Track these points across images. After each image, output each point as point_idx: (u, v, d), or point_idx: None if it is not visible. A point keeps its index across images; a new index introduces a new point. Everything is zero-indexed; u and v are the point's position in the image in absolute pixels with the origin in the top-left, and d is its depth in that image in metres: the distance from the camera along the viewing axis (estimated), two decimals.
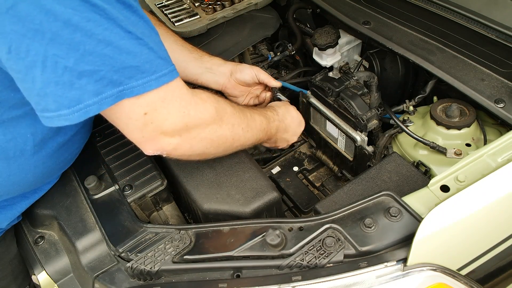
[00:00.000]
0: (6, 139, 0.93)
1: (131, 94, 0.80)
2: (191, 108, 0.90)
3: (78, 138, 1.12)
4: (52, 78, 0.73)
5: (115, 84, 0.77)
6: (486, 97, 1.05)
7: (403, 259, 0.81)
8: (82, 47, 0.72)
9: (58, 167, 1.11)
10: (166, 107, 0.86)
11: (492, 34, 1.20)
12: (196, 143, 0.95)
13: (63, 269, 1.07)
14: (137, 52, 0.78)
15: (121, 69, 0.77)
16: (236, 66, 1.35)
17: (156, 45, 0.83)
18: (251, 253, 0.89)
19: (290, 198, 1.46)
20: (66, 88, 0.74)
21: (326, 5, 1.44)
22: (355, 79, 1.29)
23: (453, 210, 0.82)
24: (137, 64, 0.79)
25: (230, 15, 1.63)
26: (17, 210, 1.09)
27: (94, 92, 0.76)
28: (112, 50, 0.75)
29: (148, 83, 0.81)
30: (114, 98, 0.78)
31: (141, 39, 0.79)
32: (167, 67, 0.84)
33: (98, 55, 0.74)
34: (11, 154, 0.95)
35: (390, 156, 1.10)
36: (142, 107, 0.83)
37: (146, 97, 0.82)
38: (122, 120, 0.85)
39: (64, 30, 0.71)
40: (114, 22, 0.75)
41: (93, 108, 0.77)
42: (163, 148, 0.91)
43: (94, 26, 0.73)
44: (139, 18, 0.80)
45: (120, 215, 1.05)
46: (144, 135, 0.88)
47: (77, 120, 0.78)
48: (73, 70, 0.73)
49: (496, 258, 0.89)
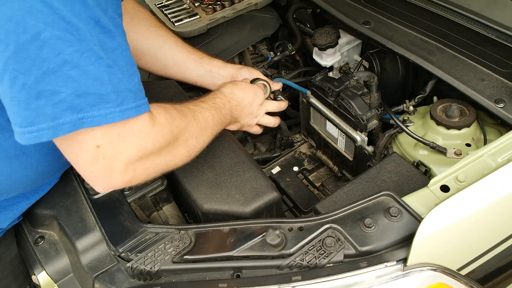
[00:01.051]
0: (6, 137, 0.92)
1: (90, 124, 0.74)
2: (149, 140, 0.85)
3: None
4: (8, 92, 0.69)
5: (75, 110, 0.72)
6: (486, 97, 1.05)
7: (403, 259, 0.81)
8: (46, 64, 0.68)
9: (60, 165, 1.11)
10: (123, 141, 0.80)
11: (492, 34, 1.20)
12: (151, 172, 0.91)
13: (63, 269, 1.07)
14: (105, 80, 0.73)
15: (84, 95, 0.72)
16: (237, 71, 1.34)
17: (128, 77, 0.78)
18: (251, 253, 0.89)
19: (290, 198, 1.46)
20: (21, 106, 0.69)
21: (326, 5, 1.44)
22: (355, 79, 1.29)
23: (453, 210, 0.82)
24: (103, 93, 0.73)
25: (230, 15, 1.63)
26: (17, 210, 1.09)
27: (51, 116, 0.71)
28: (78, 73, 0.70)
29: (111, 114, 0.75)
30: (72, 125, 0.73)
31: (112, 67, 0.74)
32: (135, 101, 0.79)
33: (61, 76, 0.69)
34: (12, 152, 0.94)
35: (390, 156, 1.10)
36: (96, 139, 0.77)
37: (104, 129, 0.76)
38: (72, 149, 0.80)
39: (31, 44, 0.66)
40: (87, 45, 0.70)
41: (47, 133, 0.72)
42: (115, 185, 0.86)
43: (64, 45, 0.68)
44: (116, 46, 0.76)
45: (120, 215, 1.05)
46: (93, 170, 0.81)
47: (28, 142, 0.72)
48: (32, 88, 0.68)
49: (496, 258, 0.89)
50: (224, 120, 1.17)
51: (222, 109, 1.15)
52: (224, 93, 1.21)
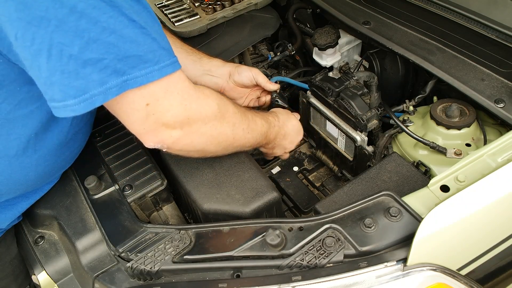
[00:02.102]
0: (10, 139, 0.93)
1: (134, 84, 0.79)
2: (193, 102, 0.90)
3: (80, 136, 1.12)
4: (58, 67, 0.73)
5: (119, 73, 0.76)
6: (486, 97, 1.05)
7: (403, 259, 0.81)
8: (87, 34, 0.72)
9: (60, 165, 1.12)
10: (168, 99, 0.85)
11: (492, 34, 1.20)
12: (196, 138, 0.95)
13: (63, 269, 1.07)
14: (140, 41, 0.78)
15: (124, 58, 0.76)
16: (235, 68, 1.34)
17: (159, 36, 0.82)
18: (251, 253, 0.89)
19: (290, 198, 1.46)
20: (72, 77, 0.74)
21: (326, 5, 1.44)
22: (355, 79, 1.29)
23: (453, 210, 0.82)
24: (140, 54, 0.78)
25: (230, 15, 1.63)
26: (17, 210, 1.09)
27: (99, 82, 0.75)
28: (116, 38, 0.74)
29: (151, 73, 0.80)
30: (118, 88, 0.77)
31: (145, 28, 0.78)
32: (169, 58, 0.84)
33: (102, 43, 0.73)
34: (13, 152, 0.95)
35: (390, 156, 1.10)
36: (145, 98, 0.82)
37: (149, 87, 0.81)
38: (124, 111, 0.85)
39: (70, 17, 0.70)
40: (119, 10, 0.74)
41: (98, 98, 0.76)
42: (163, 140, 0.90)
43: (99, 13, 0.72)
44: (142, 8, 0.80)
45: (120, 215, 1.05)
46: (145, 126, 0.87)
47: (83, 111, 0.77)
48: (78, 58, 0.72)
49: (496, 258, 0.89)
50: (268, 136, 1.20)
51: (271, 127, 1.20)
52: (279, 118, 1.26)
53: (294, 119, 1.33)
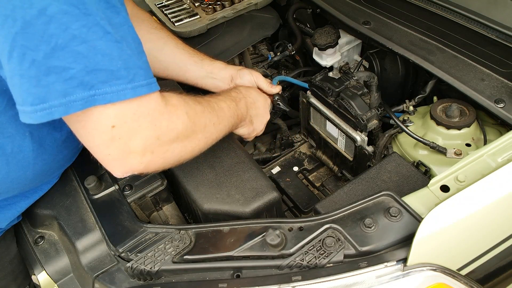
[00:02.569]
0: (4, 136, 0.91)
1: (102, 101, 0.73)
2: (163, 120, 0.84)
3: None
4: (17, 70, 0.68)
5: (86, 86, 0.71)
6: (486, 97, 1.06)
7: (403, 259, 0.81)
8: (54, 40, 0.67)
9: (58, 164, 1.11)
10: (138, 120, 0.79)
11: (492, 34, 1.20)
12: (169, 155, 0.89)
13: (63, 269, 1.07)
14: (114, 56, 0.72)
15: (94, 71, 0.71)
16: (237, 72, 1.34)
17: (136, 53, 0.77)
18: (251, 253, 0.89)
19: (290, 198, 1.46)
20: (32, 83, 0.69)
21: (326, 5, 1.44)
22: (355, 79, 1.29)
23: (453, 210, 0.82)
24: (113, 69, 0.73)
25: (230, 15, 1.63)
26: (16, 210, 1.09)
27: (62, 92, 0.70)
28: (87, 48, 0.69)
29: (123, 91, 0.74)
30: (84, 102, 0.72)
31: (120, 42, 0.73)
32: (146, 78, 0.78)
33: (70, 51, 0.68)
34: (9, 150, 0.93)
35: (390, 156, 1.10)
36: (111, 119, 0.76)
37: (118, 107, 0.75)
38: (87, 130, 0.78)
39: (38, 19, 0.66)
40: (93, 19, 0.69)
41: (58, 110, 0.71)
42: (132, 168, 0.84)
43: (71, 20, 0.67)
44: (123, 22, 0.75)
45: (120, 215, 1.05)
46: (110, 152, 0.80)
47: (40, 120, 0.71)
48: (41, 65, 0.68)
49: (496, 258, 0.89)
50: (240, 113, 1.16)
51: (238, 102, 1.15)
52: (239, 90, 1.22)
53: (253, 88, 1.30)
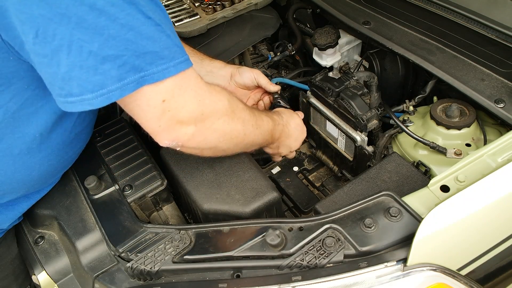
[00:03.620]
0: (14, 137, 0.93)
1: (151, 80, 0.80)
2: (206, 97, 0.92)
3: (82, 136, 1.13)
4: (77, 62, 0.74)
5: (137, 69, 0.78)
6: (486, 97, 1.05)
7: (403, 259, 0.81)
8: (106, 31, 0.73)
9: (62, 165, 1.12)
10: (183, 95, 0.87)
11: (492, 34, 1.20)
12: (210, 134, 0.96)
13: (63, 269, 1.07)
14: (156, 38, 0.80)
15: (142, 55, 0.78)
16: (236, 70, 1.35)
17: (172, 33, 0.84)
18: (251, 253, 0.89)
19: (290, 198, 1.46)
20: (90, 73, 0.75)
21: (326, 5, 1.44)
22: (355, 79, 1.29)
23: (453, 210, 0.82)
24: (157, 50, 0.80)
25: (230, 15, 1.63)
26: (18, 211, 1.10)
27: (117, 78, 0.77)
28: (134, 35, 0.76)
29: (167, 69, 0.82)
30: (136, 84, 0.79)
31: (160, 25, 0.80)
32: (183, 55, 0.85)
33: (121, 40, 0.75)
34: (17, 151, 0.95)
35: (390, 156, 1.10)
36: (161, 94, 0.84)
37: (165, 83, 0.83)
38: (141, 107, 0.85)
39: (89, 14, 0.72)
40: (136, 7, 0.76)
41: (115, 94, 0.78)
42: (178, 138, 0.91)
43: (117, 10, 0.74)
44: (156, 7, 0.82)
45: (120, 215, 1.05)
46: (161, 124, 0.88)
47: (100, 105, 0.79)
48: (97, 55, 0.74)
49: (496, 258, 0.89)
50: (274, 134, 1.20)
51: (276, 125, 1.21)
52: (282, 117, 1.27)
53: (297, 117, 1.33)
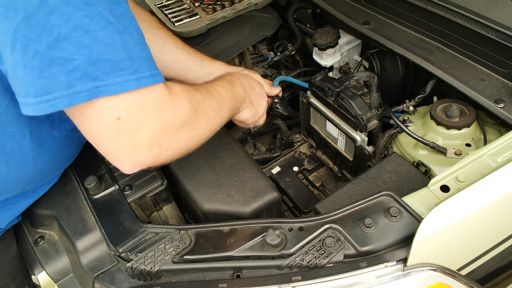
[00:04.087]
0: (5, 136, 0.90)
1: (107, 92, 0.72)
2: (167, 110, 0.82)
3: (78, 135, 1.10)
4: (20, 61, 0.67)
5: (90, 78, 0.70)
6: (486, 97, 1.05)
7: (403, 259, 0.81)
8: (57, 31, 0.66)
9: (58, 164, 1.11)
10: (142, 112, 0.78)
11: (492, 34, 1.20)
12: (176, 146, 0.88)
13: (63, 269, 1.07)
14: (117, 46, 0.71)
15: (98, 61, 0.70)
16: (238, 74, 1.32)
17: (140, 45, 0.76)
18: (251, 253, 0.89)
19: (290, 198, 1.46)
20: (35, 75, 0.68)
21: (326, 5, 1.44)
22: (355, 79, 1.29)
23: (453, 210, 0.82)
24: (117, 59, 0.72)
25: (230, 15, 1.63)
26: (16, 210, 1.09)
27: (66, 84, 0.69)
28: (90, 38, 0.68)
29: (127, 82, 0.73)
30: (88, 94, 0.71)
31: (123, 33, 0.72)
32: (150, 69, 0.77)
33: (73, 42, 0.67)
34: (9, 149, 0.92)
35: (390, 156, 1.10)
36: (116, 110, 0.75)
37: (122, 98, 0.74)
38: (92, 124, 0.77)
39: (40, 10, 0.65)
40: (96, 9, 0.68)
41: (62, 102, 0.70)
42: (141, 162, 0.82)
43: (72, 10, 0.66)
44: (124, 13, 0.74)
45: (120, 215, 1.05)
46: (116, 146, 0.78)
47: (44, 112, 0.71)
48: (44, 56, 0.67)
49: (496, 258, 0.89)
50: (238, 94, 1.13)
51: (233, 83, 1.12)
52: (233, 73, 1.19)
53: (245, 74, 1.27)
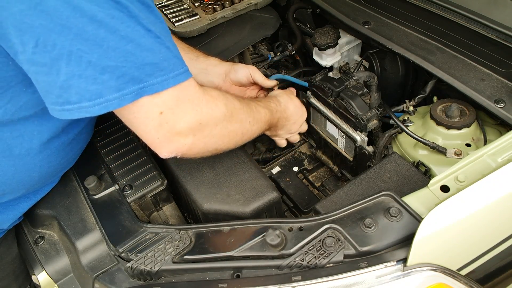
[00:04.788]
0: (13, 137, 0.93)
1: (150, 91, 0.81)
2: (203, 106, 0.92)
3: (82, 137, 1.13)
4: (76, 71, 0.75)
5: (136, 81, 0.79)
6: (486, 97, 1.05)
7: (403, 259, 0.81)
8: (106, 43, 0.75)
9: (62, 166, 1.12)
10: (181, 106, 0.87)
11: (492, 34, 1.20)
12: (209, 141, 0.97)
13: (63, 269, 1.07)
14: (156, 50, 0.81)
15: (141, 66, 0.79)
16: (232, 66, 1.34)
17: (172, 45, 0.85)
18: (251, 253, 0.89)
19: (290, 198, 1.46)
20: (89, 82, 0.76)
21: (326, 5, 1.44)
22: (355, 79, 1.29)
23: (453, 210, 0.82)
24: (157, 62, 0.81)
25: (230, 15, 1.63)
26: (19, 211, 1.10)
27: (116, 88, 0.78)
28: (134, 47, 0.77)
29: (166, 81, 0.83)
30: (134, 95, 0.80)
31: (160, 37, 0.81)
32: (182, 66, 0.86)
33: (120, 52, 0.76)
34: (17, 152, 0.95)
35: (390, 156, 1.10)
36: (159, 106, 0.84)
37: (163, 95, 0.84)
38: (139, 119, 0.86)
39: (89, 26, 0.73)
40: (136, 20, 0.77)
41: (113, 103, 0.79)
42: (178, 149, 0.92)
43: (117, 23, 0.75)
44: (156, 18, 0.83)
45: (120, 215, 1.05)
46: (159, 136, 0.88)
47: (98, 113, 0.79)
48: (97, 65, 0.75)
49: (496, 258, 0.89)
50: (271, 123, 1.21)
51: (274, 113, 1.21)
52: (280, 102, 1.26)
53: (296, 100, 1.33)
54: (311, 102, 1.40)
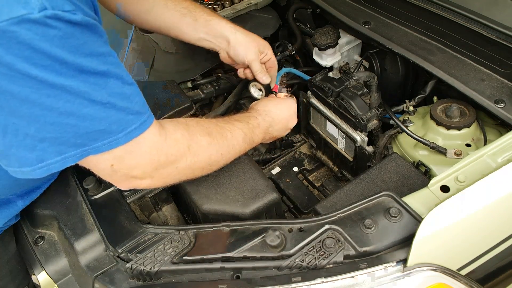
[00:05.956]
0: None
1: (96, 152, 0.79)
2: (161, 154, 0.88)
3: None
4: (13, 142, 0.74)
5: (79, 146, 0.77)
6: (486, 97, 1.05)
7: (403, 259, 0.81)
8: (43, 119, 0.72)
9: None
10: (134, 158, 0.85)
11: (492, 34, 1.20)
12: (170, 179, 0.96)
13: (63, 269, 1.07)
14: (102, 117, 0.77)
15: (84, 134, 0.76)
16: (234, 39, 1.27)
17: (127, 102, 0.80)
18: (251, 254, 0.89)
19: (290, 199, 1.46)
20: (28, 150, 0.75)
21: (326, 5, 1.44)
22: (355, 79, 1.29)
23: (453, 210, 0.81)
24: (103, 128, 0.77)
25: (230, 15, 1.63)
26: (14, 209, 1.09)
27: (57, 153, 0.77)
28: (75, 119, 0.74)
29: (115, 141, 0.79)
30: (78, 156, 0.78)
31: (108, 102, 0.77)
32: (139, 119, 0.82)
33: (59, 125, 0.74)
34: None
35: (390, 156, 1.10)
36: (108, 161, 0.83)
37: (112, 152, 0.81)
38: (91, 167, 0.86)
39: (22, 106, 0.70)
40: (76, 95, 0.73)
41: (56, 166, 0.78)
42: (137, 186, 0.93)
43: (54, 101, 0.71)
44: (108, 79, 0.77)
45: (119, 216, 1.05)
46: (114, 179, 0.89)
47: (40, 175, 0.78)
48: (34, 137, 0.74)
49: (496, 258, 0.89)
50: (257, 140, 1.15)
51: (255, 129, 1.14)
52: (258, 111, 1.19)
53: (272, 100, 1.26)
54: (311, 102, 1.40)
